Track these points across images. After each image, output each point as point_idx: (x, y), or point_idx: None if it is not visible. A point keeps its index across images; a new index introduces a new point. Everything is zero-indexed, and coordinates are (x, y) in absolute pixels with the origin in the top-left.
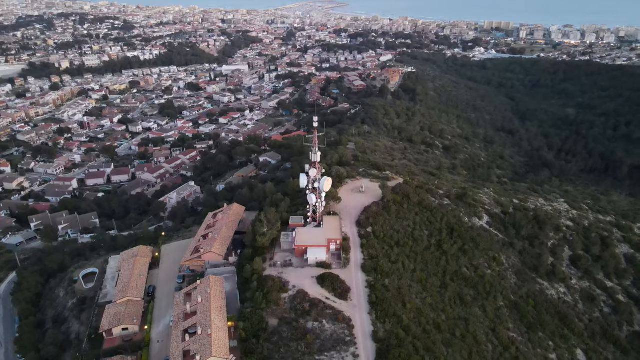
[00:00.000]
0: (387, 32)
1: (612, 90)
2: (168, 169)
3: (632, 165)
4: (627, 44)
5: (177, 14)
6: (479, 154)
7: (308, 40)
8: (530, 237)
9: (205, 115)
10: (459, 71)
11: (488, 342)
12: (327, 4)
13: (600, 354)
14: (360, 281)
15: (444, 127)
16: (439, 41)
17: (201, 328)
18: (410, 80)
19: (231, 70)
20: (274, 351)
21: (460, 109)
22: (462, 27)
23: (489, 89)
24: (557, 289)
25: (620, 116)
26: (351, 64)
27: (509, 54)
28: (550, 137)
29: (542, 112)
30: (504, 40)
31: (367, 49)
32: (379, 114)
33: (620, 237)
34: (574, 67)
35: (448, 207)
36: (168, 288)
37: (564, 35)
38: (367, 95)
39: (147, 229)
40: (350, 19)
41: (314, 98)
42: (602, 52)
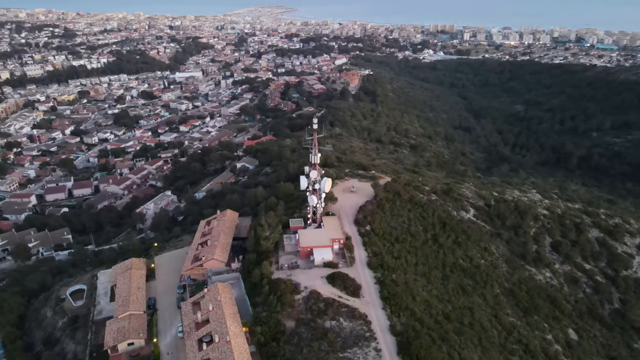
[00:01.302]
0: (338, 36)
1: (555, 87)
2: (135, 180)
3: (580, 157)
4: (561, 44)
5: (122, 21)
6: (443, 152)
7: (260, 45)
8: (514, 227)
9: (164, 123)
10: (411, 72)
11: (493, 328)
12: (276, 9)
13: (589, 331)
14: (368, 278)
15: (408, 126)
16: (389, 44)
17: (218, 336)
18: (369, 83)
19: (185, 77)
20: (295, 352)
21: (419, 109)
22: (410, 30)
23: (443, 89)
24: (544, 274)
25: (565, 111)
26: (307, 68)
27: (456, 55)
28: (504, 133)
29: (494, 109)
30: (450, 43)
31: (321, 53)
32: (346, 116)
33: (590, 222)
34: (518, 67)
35: (436, 202)
36: (169, 299)
37: (504, 36)
38: (329, 98)
39: (136, 241)
40: (300, 23)
41: (274, 103)
42: (540, 52)
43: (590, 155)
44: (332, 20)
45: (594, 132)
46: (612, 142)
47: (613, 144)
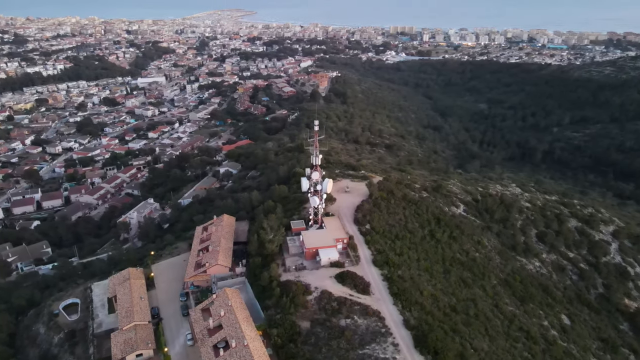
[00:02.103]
0: (301, 38)
1: (514, 85)
2: (108, 189)
3: (544, 151)
4: (515, 44)
5: (75, 26)
6: (416, 150)
7: (223, 49)
8: (502, 220)
9: (131, 130)
10: (376, 74)
11: (495, 318)
12: (236, 13)
13: (579, 316)
14: (375, 275)
15: (381, 127)
16: (351, 46)
17: (235, 340)
18: (338, 84)
19: (147, 83)
20: (315, 352)
21: (388, 109)
22: (371, 32)
23: (408, 89)
24: (534, 264)
25: (526, 108)
26: (273, 71)
27: (418, 56)
28: (471, 130)
29: (459, 108)
30: (411, 44)
31: (286, 56)
32: (321, 118)
33: (567, 212)
34: (478, 66)
35: (428, 199)
36: (172, 307)
37: (461, 37)
38: (299, 100)
39: (131, 251)
40: (261, 26)
41: (244, 106)
42: (496, 52)
43: (553, 150)
44: (293, 23)
45: (555, 127)
46: (572, 137)
47: (573, 138)
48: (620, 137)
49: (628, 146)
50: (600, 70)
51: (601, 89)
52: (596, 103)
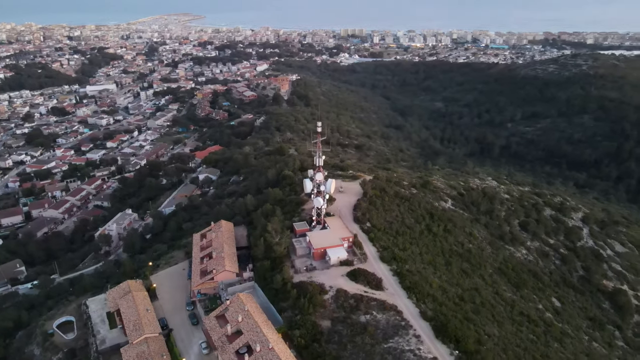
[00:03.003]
0: (254, 42)
1: (467, 84)
2: (74, 202)
3: (501, 146)
4: (460, 44)
5: (11, 32)
6: (383, 150)
7: (174, 54)
8: (488, 212)
9: (87, 140)
10: (332, 76)
11: (498, 304)
12: (183, 17)
13: (567, 298)
14: (385, 271)
15: (348, 128)
16: (304, 49)
17: (259, 345)
18: (299, 87)
19: (97, 91)
20: (340, 350)
21: (350, 111)
22: (322, 35)
23: (366, 90)
24: (521, 251)
25: (480, 105)
26: (229, 76)
27: (371, 58)
28: (431, 128)
29: (417, 107)
30: (362, 46)
31: (240, 60)
32: (290, 121)
33: (542, 202)
34: (430, 67)
35: (418, 195)
36: (180, 317)
37: (410, 39)
38: (261, 104)
39: (128, 263)
40: (211, 31)
41: (205, 112)
42: (444, 52)
43: (510, 144)
44: (244, 27)
45: (509, 123)
46: (525, 131)
47: (526, 133)
48: (569, 130)
49: (576, 138)
50: (545, 68)
51: (547, 85)
52: (544, 99)
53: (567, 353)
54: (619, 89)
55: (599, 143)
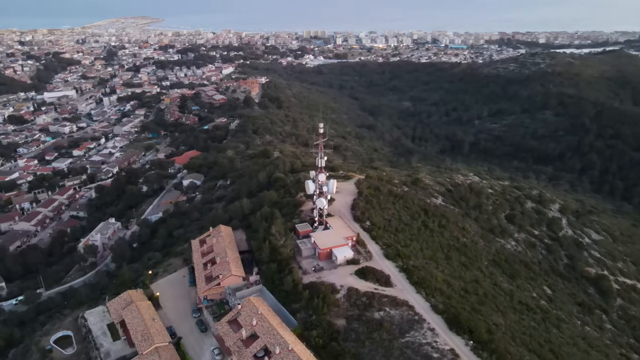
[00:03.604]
0: (216, 45)
1: (432, 83)
2: (46, 214)
3: (470, 143)
4: (421, 44)
5: None
6: (359, 150)
7: (134, 58)
8: (476, 206)
9: (51, 149)
10: (299, 77)
11: (499, 295)
12: (141, 20)
13: (557, 285)
14: (391, 268)
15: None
16: (268, 51)
17: (278, 347)
18: (270, 89)
19: (56, 97)
20: (359, 347)
21: (322, 112)
22: (285, 37)
23: (334, 92)
24: (510, 243)
25: (447, 104)
26: (194, 80)
27: (336, 59)
28: (402, 127)
29: (386, 107)
30: (327, 47)
31: (205, 63)
32: (266, 124)
33: (522, 195)
34: (396, 67)
35: (410, 192)
36: (187, 325)
37: (372, 40)
38: (232, 108)
39: (127, 273)
40: (171, 34)
41: (174, 117)
42: (406, 53)
43: (478, 141)
44: (205, 30)
45: (476, 120)
46: (492, 128)
47: (493, 129)
48: (532, 125)
49: (540, 134)
50: (506, 66)
51: (509, 83)
52: (507, 96)
53: (566, 337)
54: (575, 85)
55: (562, 137)
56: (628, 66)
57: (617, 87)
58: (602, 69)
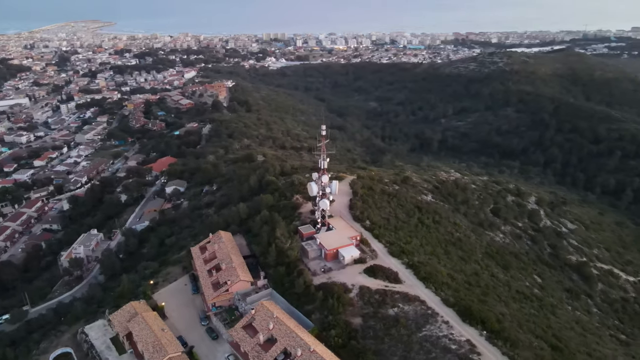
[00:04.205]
0: (175, 49)
1: (397, 83)
2: (15, 228)
3: (439, 141)
4: (380, 45)
5: None
6: (332, 151)
7: (89, 63)
8: (464, 202)
9: (9, 160)
10: (263, 80)
11: (497, 286)
12: (92, 24)
13: (544, 273)
14: (397, 265)
15: (297, 131)
16: (229, 54)
17: (300, 349)
18: (237, 93)
19: (8, 106)
20: (378, 344)
21: (291, 114)
22: (245, 40)
23: (300, 94)
24: (499, 235)
25: (412, 103)
26: (156, 84)
27: (298, 61)
28: (371, 127)
29: (353, 107)
30: (288, 50)
31: (166, 68)
32: (241, 127)
33: (503, 189)
34: (359, 68)
35: (402, 190)
36: (197, 333)
37: (332, 42)
38: (200, 112)
39: (127, 284)
40: (126, 38)
41: (140, 123)
42: (367, 54)
43: (446, 139)
44: (161, 33)
45: (442, 118)
46: (458, 126)
47: (459, 127)
48: (496, 122)
49: (504, 130)
50: (466, 66)
51: (471, 82)
52: (469, 95)
53: (563, 322)
54: (532, 83)
55: (524, 133)
56: (578, 64)
57: (569, 83)
58: (554, 67)
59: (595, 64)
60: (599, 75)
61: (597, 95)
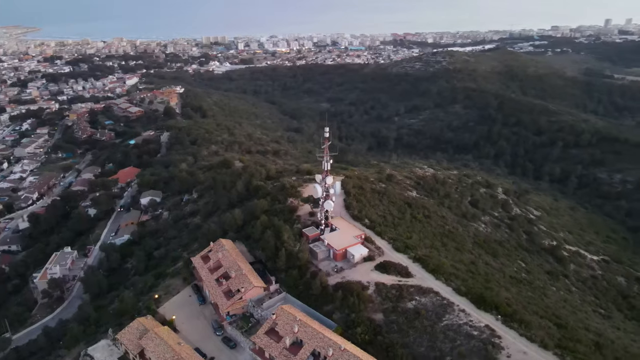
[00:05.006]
0: (111, 55)
1: (347, 84)
2: None
3: (394, 139)
4: (322, 47)
5: None
6: (295, 153)
7: (17, 72)
8: (446, 195)
9: None
10: (209, 85)
11: (495, 273)
12: (15, 30)
13: (527, 259)
14: (404, 260)
15: (259, 135)
16: (170, 59)
17: (331, 349)
18: (190, 99)
19: None
20: (404, 337)
21: (246, 118)
22: (184, 44)
23: (251, 98)
24: (481, 226)
25: (364, 103)
26: (96, 92)
27: (243, 65)
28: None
29: (306, 109)
30: (231, 53)
31: (104, 75)
32: (201, 133)
33: (474, 182)
34: (307, 70)
35: (389, 188)
36: (213, 344)
37: (274, 44)
38: (151, 120)
39: (129, 301)
40: (55, 44)
41: (87, 133)
42: (311, 56)
43: (401, 136)
44: (93, 39)
45: (395, 117)
46: (411, 123)
47: (412, 125)
48: (446, 118)
49: (455, 126)
50: (412, 65)
51: (418, 81)
52: (418, 93)
53: (555, 302)
54: (474, 80)
55: (474, 128)
56: (512, 61)
57: (507, 80)
58: (492, 65)
59: (528, 61)
60: (532, 72)
61: (532, 90)
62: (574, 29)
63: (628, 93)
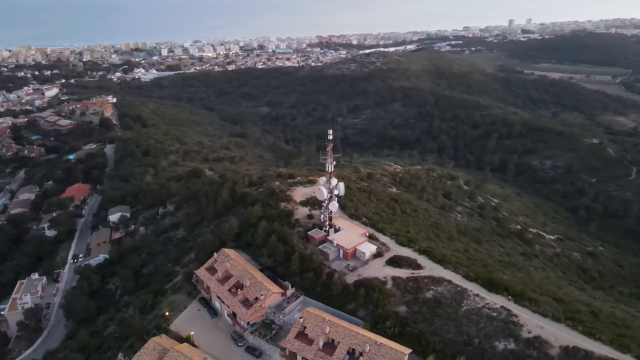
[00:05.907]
0: (21, 64)
1: (284, 87)
2: None
3: (341, 139)
4: (249, 51)
5: None
6: (249, 159)
7: None
8: (422, 190)
9: None
10: (139, 93)
11: (486, 258)
12: None
13: (502, 242)
14: (410, 253)
15: (210, 143)
16: (90, 67)
17: (368, 345)
18: (126, 109)
19: None
20: (431, 325)
21: (188, 126)
22: (102, 51)
23: (187, 105)
24: (458, 216)
25: (305, 105)
26: (12, 106)
27: (171, 71)
28: (272, 132)
29: (246, 114)
30: (154, 60)
31: (19, 86)
32: (151, 144)
33: (440, 175)
34: (241, 74)
35: (371, 186)
36: (236, 355)
37: (199, 49)
38: (86, 133)
39: (137, 321)
40: None
41: (12, 151)
42: (240, 60)
43: (347, 136)
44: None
45: (339, 117)
46: (355, 123)
47: (356, 124)
48: (388, 117)
49: (397, 123)
50: (347, 66)
51: (355, 81)
52: (357, 93)
53: (542, 280)
54: (408, 79)
55: (415, 124)
56: (439, 60)
57: (436, 77)
58: (422, 64)
59: (452, 59)
60: (457, 70)
61: (459, 87)
62: (483, 29)
63: (540, 87)
